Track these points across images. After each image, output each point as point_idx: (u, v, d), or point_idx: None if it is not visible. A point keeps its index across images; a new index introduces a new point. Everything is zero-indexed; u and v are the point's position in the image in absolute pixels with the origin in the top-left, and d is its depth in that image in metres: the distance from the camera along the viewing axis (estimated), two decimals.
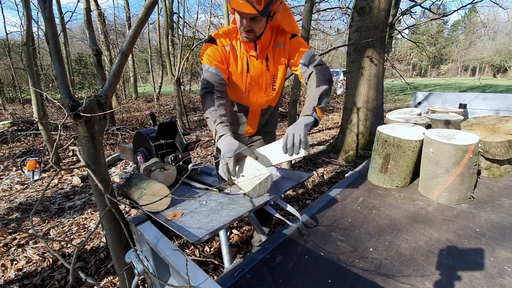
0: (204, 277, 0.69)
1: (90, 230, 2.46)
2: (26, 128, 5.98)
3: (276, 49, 1.35)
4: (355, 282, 0.95)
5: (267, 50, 1.35)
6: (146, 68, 29.91)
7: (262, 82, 1.42)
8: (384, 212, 1.42)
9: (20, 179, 3.69)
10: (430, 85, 20.53)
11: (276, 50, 1.36)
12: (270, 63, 1.37)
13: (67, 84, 0.86)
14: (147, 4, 0.83)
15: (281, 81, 1.44)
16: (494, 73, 40.40)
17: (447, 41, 42.05)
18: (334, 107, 9.32)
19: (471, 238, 1.19)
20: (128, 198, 1.10)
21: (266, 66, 1.37)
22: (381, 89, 3.95)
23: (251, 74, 1.39)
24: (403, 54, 15.60)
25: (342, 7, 5.65)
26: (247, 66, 1.37)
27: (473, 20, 25.93)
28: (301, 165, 3.95)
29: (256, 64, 1.37)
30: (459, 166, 1.48)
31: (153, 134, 1.56)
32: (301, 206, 2.69)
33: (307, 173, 1.32)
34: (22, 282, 1.83)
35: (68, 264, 0.54)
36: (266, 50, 1.35)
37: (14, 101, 12.60)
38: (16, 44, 11.50)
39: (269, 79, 1.42)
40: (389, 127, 1.88)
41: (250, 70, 1.38)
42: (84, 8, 5.33)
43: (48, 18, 0.84)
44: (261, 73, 1.39)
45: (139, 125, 6.79)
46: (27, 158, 3.43)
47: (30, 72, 3.47)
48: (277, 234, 1.23)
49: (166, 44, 5.70)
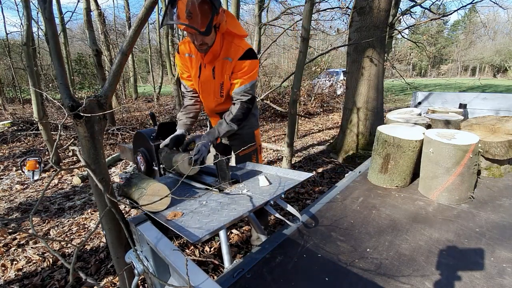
0: (204, 277, 0.69)
1: (90, 230, 2.45)
2: (26, 128, 5.97)
3: (225, 62, 1.44)
4: (355, 282, 0.95)
5: (216, 60, 1.44)
6: (146, 68, 29.91)
7: (210, 88, 1.54)
8: (384, 212, 1.42)
9: (20, 179, 3.69)
10: (430, 85, 20.53)
11: (224, 63, 1.44)
12: (216, 72, 1.47)
13: (67, 84, 0.86)
14: (147, 4, 0.83)
15: (227, 89, 1.53)
16: (494, 73, 40.38)
17: (447, 41, 42.04)
18: (334, 107, 9.32)
19: (471, 238, 1.19)
20: (128, 198, 1.10)
21: (212, 74, 1.48)
22: (381, 89, 3.95)
23: (201, 79, 1.53)
24: (403, 54, 15.58)
25: (342, 7, 5.65)
26: (199, 71, 1.51)
27: (473, 20, 25.95)
28: (301, 165, 3.95)
29: (205, 71, 1.50)
30: (459, 166, 1.48)
31: (153, 134, 1.56)
32: (301, 206, 2.69)
33: (307, 173, 1.32)
34: (22, 282, 1.83)
35: (68, 264, 0.54)
36: (216, 61, 1.44)
37: (14, 101, 12.59)
38: (16, 44, 11.50)
39: (217, 86, 1.52)
40: (389, 127, 1.88)
41: (201, 75, 1.52)
42: (84, 8, 5.32)
43: (48, 18, 0.84)
44: (209, 80, 1.51)
45: (139, 125, 6.79)
46: (27, 158, 3.43)
47: (30, 72, 3.47)
48: (277, 234, 1.23)
49: (166, 44, 5.71)
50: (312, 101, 8.67)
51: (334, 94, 9.98)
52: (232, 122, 1.47)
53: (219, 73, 1.47)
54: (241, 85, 1.46)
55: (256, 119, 1.80)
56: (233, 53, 1.41)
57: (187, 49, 1.52)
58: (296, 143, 5.19)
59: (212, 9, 1.22)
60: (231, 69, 1.44)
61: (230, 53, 1.41)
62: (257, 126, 1.80)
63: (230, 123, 1.47)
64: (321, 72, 9.35)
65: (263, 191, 1.19)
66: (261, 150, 2.00)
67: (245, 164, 1.64)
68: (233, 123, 1.48)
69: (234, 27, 1.41)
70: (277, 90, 8.04)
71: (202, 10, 1.20)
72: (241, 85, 1.46)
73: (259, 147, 1.83)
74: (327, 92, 9.65)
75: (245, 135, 1.72)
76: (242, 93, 1.47)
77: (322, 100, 9.02)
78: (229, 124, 1.47)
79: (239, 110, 1.47)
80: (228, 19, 1.38)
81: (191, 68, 1.55)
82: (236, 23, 1.44)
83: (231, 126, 1.48)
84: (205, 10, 1.21)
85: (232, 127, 1.48)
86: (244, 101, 1.48)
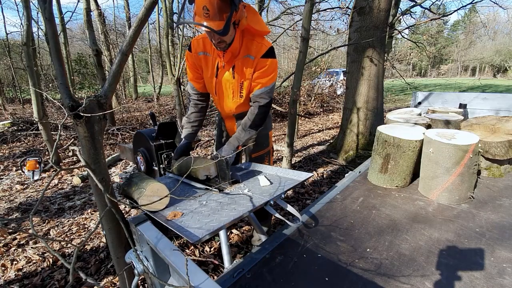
0: (204, 277, 0.69)
1: (90, 230, 2.45)
2: (26, 128, 5.97)
3: (245, 60, 1.35)
4: (355, 282, 0.95)
5: (236, 59, 1.36)
6: (146, 68, 29.90)
7: (228, 88, 1.45)
8: (384, 212, 1.42)
9: (20, 179, 3.69)
10: (430, 85, 20.52)
11: (245, 61, 1.36)
12: (236, 71, 1.39)
13: (67, 84, 0.86)
14: (147, 4, 0.83)
15: (248, 89, 1.45)
16: (494, 73, 40.37)
17: (447, 41, 42.05)
18: (334, 107, 9.32)
19: (471, 238, 1.19)
20: (129, 197, 1.10)
21: (232, 74, 1.39)
22: (381, 89, 3.95)
23: (218, 78, 1.43)
24: (403, 54, 15.58)
25: (342, 7, 5.64)
26: (217, 71, 1.42)
27: (473, 20, 25.94)
28: (301, 165, 3.95)
29: (223, 71, 1.41)
30: (459, 166, 1.48)
31: (153, 134, 1.56)
32: (301, 206, 2.69)
33: (307, 173, 1.32)
34: (22, 282, 1.83)
35: (68, 264, 0.54)
36: (235, 59, 1.36)
37: (14, 101, 12.59)
38: (16, 44, 11.49)
39: (236, 86, 1.44)
40: (389, 127, 1.88)
41: (218, 75, 1.43)
42: (84, 8, 5.33)
43: (48, 18, 0.84)
44: (228, 80, 1.42)
45: (139, 125, 6.79)
46: (27, 158, 3.43)
47: (30, 72, 3.47)
48: (277, 234, 1.23)
49: (166, 44, 5.70)
50: (312, 101, 8.67)
51: (334, 94, 9.98)
52: (251, 129, 1.43)
53: (239, 72, 1.38)
54: (262, 87, 1.38)
55: (270, 120, 1.75)
56: (255, 51, 1.32)
57: (201, 47, 1.42)
58: (296, 143, 5.19)
59: (231, 6, 1.14)
60: (253, 68, 1.35)
61: (252, 50, 1.33)
62: (271, 127, 1.75)
63: (249, 130, 1.43)
64: (321, 72, 9.35)
65: (263, 191, 1.19)
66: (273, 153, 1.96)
67: (245, 164, 1.64)
68: (251, 129, 1.43)
69: (255, 23, 1.31)
70: (277, 90, 8.04)
71: (220, 6, 1.12)
72: (262, 87, 1.38)
73: (271, 149, 1.79)
74: (327, 92, 9.65)
75: (260, 137, 1.68)
76: (262, 96, 1.40)
77: (322, 100, 9.02)
78: (247, 131, 1.43)
79: (257, 115, 1.41)
80: (249, 15, 1.29)
81: (205, 68, 1.46)
82: (258, 19, 1.34)
83: (250, 133, 1.44)
84: (223, 6, 1.13)
85: (251, 133, 1.44)
86: (263, 104, 1.41)
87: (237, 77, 1.40)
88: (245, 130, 1.43)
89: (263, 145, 1.70)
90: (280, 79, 10.19)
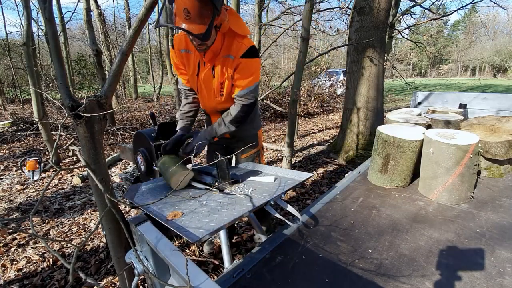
0: (204, 278, 0.69)
1: (90, 230, 2.45)
2: (26, 128, 5.97)
3: (226, 60, 1.34)
4: (355, 282, 0.95)
5: (216, 58, 1.35)
6: (146, 68, 29.90)
7: (209, 87, 1.45)
8: (384, 212, 1.42)
9: (20, 179, 3.69)
10: (430, 85, 20.51)
11: (225, 61, 1.35)
12: (217, 71, 1.38)
13: (67, 84, 0.86)
14: (147, 4, 0.83)
15: (229, 88, 1.44)
16: (494, 73, 40.36)
17: (447, 41, 42.04)
18: (334, 107, 9.32)
19: (471, 238, 1.19)
20: None
21: (212, 73, 1.39)
22: (381, 89, 3.95)
23: (199, 77, 1.43)
24: (403, 54, 15.59)
25: (342, 7, 5.64)
26: (198, 69, 1.42)
27: (473, 20, 25.96)
28: (301, 165, 3.95)
29: (204, 69, 1.40)
30: (459, 166, 1.48)
31: (153, 134, 1.56)
32: (301, 206, 2.69)
33: (307, 173, 1.32)
34: (22, 282, 1.83)
35: (68, 264, 0.54)
36: (216, 58, 1.35)
37: (14, 101, 12.58)
38: (16, 44, 11.48)
39: (217, 85, 1.43)
40: (389, 127, 1.88)
41: (200, 73, 1.42)
42: (84, 8, 5.32)
43: (48, 18, 0.84)
44: (208, 78, 1.42)
45: (139, 125, 6.79)
46: (27, 158, 3.42)
47: (30, 72, 3.47)
48: (277, 234, 1.23)
49: (166, 44, 5.71)
50: (312, 101, 8.68)
51: (334, 94, 9.98)
52: (231, 124, 1.42)
53: (219, 72, 1.37)
54: (244, 88, 1.37)
55: (259, 119, 1.75)
56: (235, 50, 1.31)
57: (183, 44, 1.40)
58: (296, 143, 5.19)
59: (213, 11, 1.12)
60: (233, 67, 1.34)
61: (232, 50, 1.31)
62: (260, 126, 1.75)
63: (228, 125, 1.42)
64: (321, 72, 9.35)
65: (263, 191, 1.19)
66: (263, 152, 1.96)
67: (245, 164, 1.64)
68: (231, 124, 1.42)
69: (237, 27, 1.31)
70: (277, 90, 8.04)
71: (202, 10, 1.10)
72: (244, 88, 1.37)
73: (261, 148, 1.78)
74: (327, 92, 9.65)
75: (249, 136, 1.68)
76: (245, 96, 1.39)
77: (322, 100, 9.02)
78: (227, 125, 1.43)
79: (239, 113, 1.40)
80: (230, 18, 1.28)
81: (187, 65, 1.45)
82: (239, 22, 1.34)
83: (229, 128, 1.43)
84: (205, 11, 1.11)
85: (230, 128, 1.43)
86: (246, 104, 1.40)
87: (217, 76, 1.39)
88: (224, 124, 1.42)
89: (254, 145, 1.69)
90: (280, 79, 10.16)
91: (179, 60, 1.47)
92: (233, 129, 1.44)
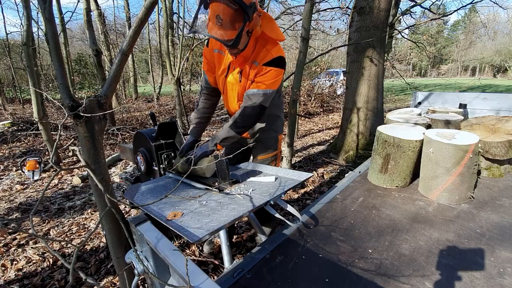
0: (204, 277, 0.69)
1: (90, 230, 2.45)
2: (26, 128, 5.97)
3: (252, 65, 1.36)
4: (355, 282, 0.95)
5: (246, 63, 1.36)
6: (146, 68, 29.90)
7: (234, 90, 1.47)
8: (384, 212, 1.42)
9: (20, 179, 3.69)
10: (430, 85, 20.51)
11: (252, 66, 1.36)
12: (244, 75, 1.39)
13: (67, 84, 0.86)
14: (147, 4, 0.83)
15: None
16: (494, 73, 40.37)
17: (447, 41, 42.08)
18: (334, 107, 9.32)
19: (471, 238, 1.19)
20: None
21: (239, 77, 1.41)
22: (381, 89, 3.95)
23: (227, 79, 1.45)
24: (403, 54, 15.60)
25: (342, 7, 5.65)
26: (227, 71, 1.43)
27: (473, 20, 25.96)
28: (301, 165, 3.95)
29: (233, 72, 1.42)
30: (459, 166, 1.48)
31: (153, 134, 1.56)
32: (301, 206, 2.69)
33: (307, 173, 1.32)
34: (22, 282, 1.83)
35: (68, 264, 0.54)
36: (245, 63, 1.36)
37: (14, 101, 12.57)
38: (16, 44, 11.48)
39: (241, 90, 1.45)
40: (389, 127, 1.88)
41: (228, 76, 1.44)
42: (84, 8, 5.32)
43: (48, 19, 0.84)
44: (235, 82, 1.44)
45: (139, 125, 6.79)
46: (27, 158, 3.42)
47: (30, 72, 3.47)
48: (277, 234, 1.23)
49: (166, 44, 5.70)
50: (312, 101, 8.68)
51: (334, 94, 9.98)
52: (231, 129, 1.37)
53: (246, 77, 1.38)
54: (254, 88, 1.34)
55: (282, 123, 1.71)
56: (261, 58, 1.32)
57: (218, 45, 1.41)
58: (296, 143, 5.19)
59: (244, 18, 1.14)
60: (255, 73, 1.35)
61: (259, 57, 1.32)
62: (281, 131, 1.71)
63: (228, 129, 1.38)
64: (321, 72, 9.35)
65: (263, 191, 1.19)
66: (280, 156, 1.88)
67: (245, 164, 1.63)
68: (231, 129, 1.37)
69: (270, 30, 1.30)
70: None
71: (234, 17, 1.13)
72: (254, 88, 1.34)
73: (279, 153, 1.75)
74: (327, 92, 9.65)
75: (269, 139, 1.65)
76: (251, 97, 1.34)
77: (322, 100, 9.03)
78: (227, 130, 1.38)
79: (240, 116, 1.36)
80: (263, 22, 1.28)
81: (218, 66, 1.46)
82: (273, 27, 1.33)
83: (229, 133, 1.38)
84: (237, 17, 1.13)
85: (230, 134, 1.37)
86: (247, 105, 1.35)
87: (243, 80, 1.40)
88: (225, 129, 1.39)
89: (271, 148, 1.67)
90: None
91: (211, 59, 1.48)
92: (233, 134, 1.39)
